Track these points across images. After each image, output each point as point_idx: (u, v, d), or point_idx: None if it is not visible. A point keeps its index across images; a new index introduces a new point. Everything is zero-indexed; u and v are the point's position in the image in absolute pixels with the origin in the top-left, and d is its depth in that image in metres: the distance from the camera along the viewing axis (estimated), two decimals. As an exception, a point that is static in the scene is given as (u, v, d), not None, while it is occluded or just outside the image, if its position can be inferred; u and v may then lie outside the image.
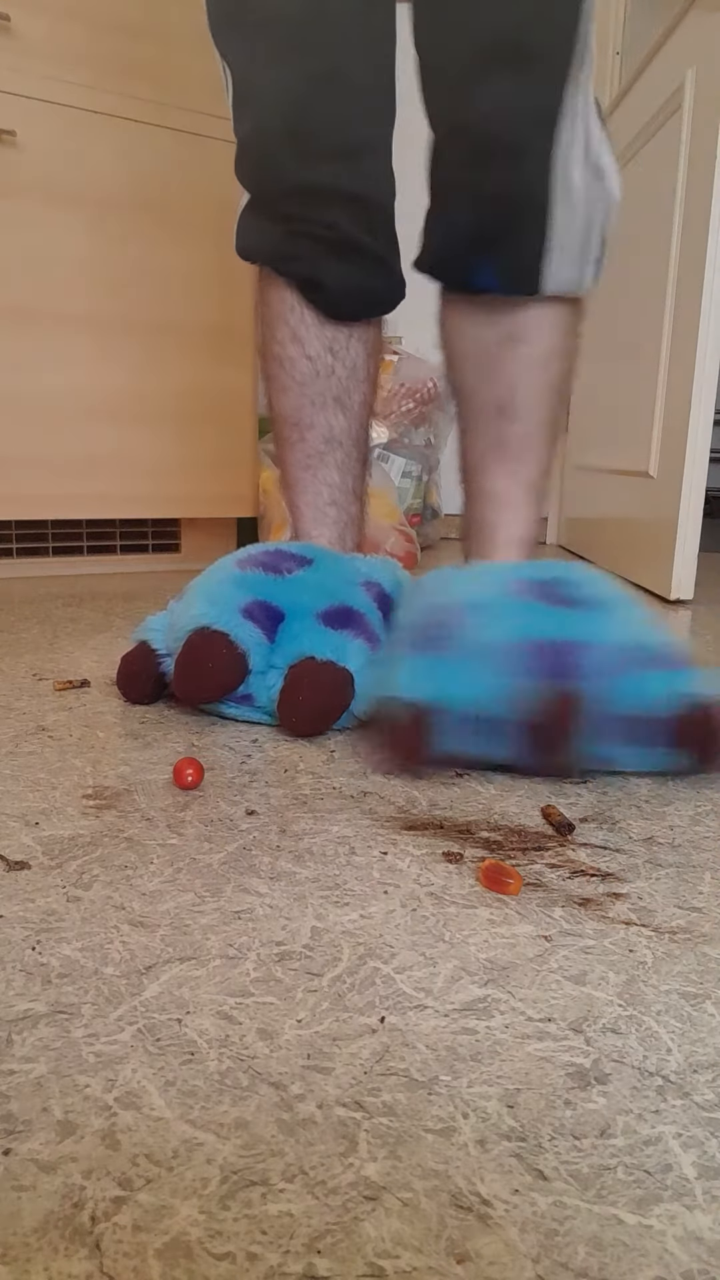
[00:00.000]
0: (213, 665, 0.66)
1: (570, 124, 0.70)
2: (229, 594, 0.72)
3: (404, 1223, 0.26)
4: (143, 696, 0.76)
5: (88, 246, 1.44)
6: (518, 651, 0.61)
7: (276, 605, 0.72)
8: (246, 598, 0.71)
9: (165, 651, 0.75)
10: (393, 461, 2.01)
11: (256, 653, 0.69)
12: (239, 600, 0.71)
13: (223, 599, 0.71)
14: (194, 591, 0.74)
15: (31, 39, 1.34)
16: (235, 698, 0.71)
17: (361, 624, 0.73)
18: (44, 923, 0.41)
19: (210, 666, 0.66)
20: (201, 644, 0.67)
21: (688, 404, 1.39)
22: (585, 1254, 0.25)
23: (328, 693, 0.67)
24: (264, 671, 0.70)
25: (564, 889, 0.46)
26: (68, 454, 1.47)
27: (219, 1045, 0.33)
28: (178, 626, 0.71)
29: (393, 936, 0.41)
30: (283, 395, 0.85)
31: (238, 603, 0.71)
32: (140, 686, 0.76)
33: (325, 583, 0.75)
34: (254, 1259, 0.24)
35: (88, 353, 1.47)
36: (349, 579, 0.77)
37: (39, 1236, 0.25)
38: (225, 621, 0.69)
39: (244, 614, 0.70)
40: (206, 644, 0.67)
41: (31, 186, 1.38)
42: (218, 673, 0.67)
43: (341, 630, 0.71)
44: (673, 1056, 0.33)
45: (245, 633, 0.68)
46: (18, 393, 1.42)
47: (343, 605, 0.73)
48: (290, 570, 0.75)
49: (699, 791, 0.61)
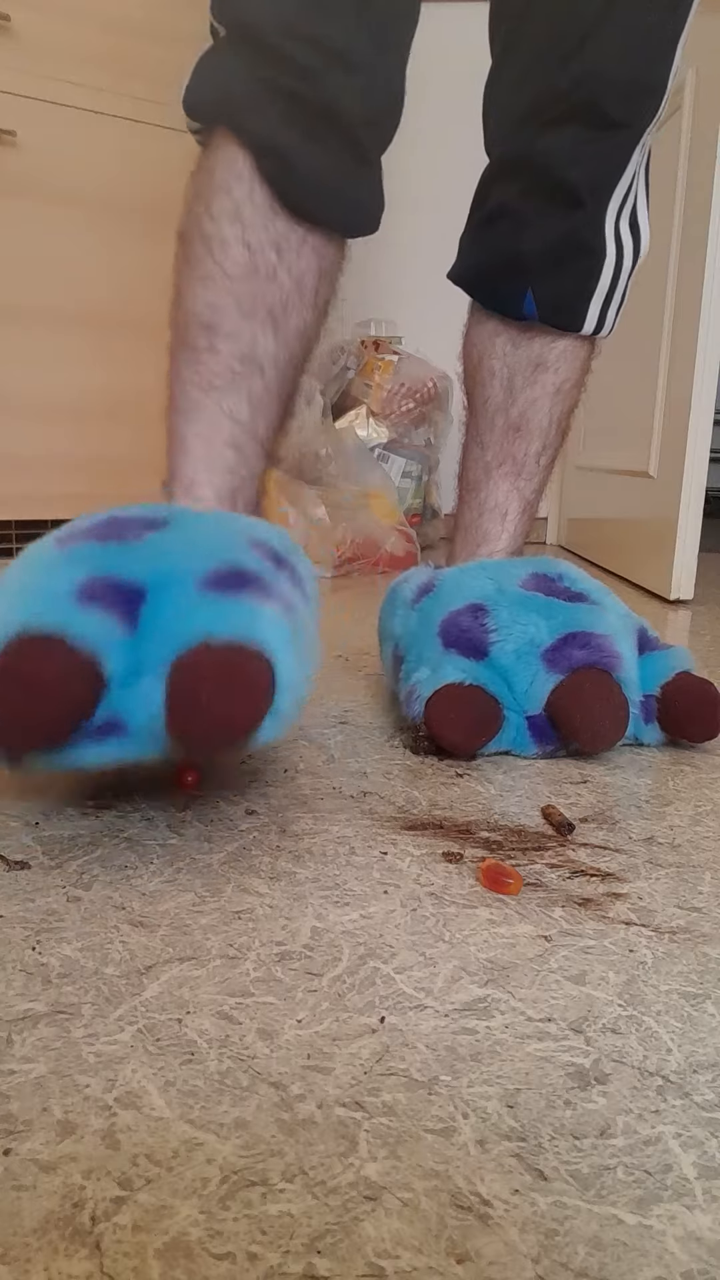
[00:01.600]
0: (46, 687, 0.42)
1: (625, 180, 0.73)
2: (50, 578, 0.48)
3: (404, 1223, 0.26)
4: None
5: (88, 246, 1.44)
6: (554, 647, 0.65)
7: (130, 579, 0.49)
8: (79, 575, 0.48)
9: None
10: (393, 461, 2.01)
11: (113, 652, 0.45)
12: (69, 580, 0.48)
13: (41, 587, 0.48)
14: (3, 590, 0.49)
15: (31, 39, 1.34)
16: (93, 731, 0.45)
17: (264, 586, 0.51)
18: (44, 923, 0.41)
19: (42, 691, 0.42)
20: (20, 660, 0.43)
21: (688, 404, 1.39)
22: (585, 1254, 0.25)
23: (244, 689, 0.44)
24: (129, 680, 0.46)
25: (564, 889, 0.46)
26: (68, 454, 1.47)
27: (219, 1045, 0.33)
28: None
29: (393, 936, 0.41)
30: (202, 286, 0.65)
31: (67, 585, 0.47)
32: None
33: (196, 544, 0.53)
34: (254, 1259, 0.24)
35: (88, 352, 1.47)
36: (226, 538, 0.55)
37: (39, 1236, 0.25)
38: (52, 615, 0.45)
39: (80, 598, 0.47)
40: (28, 658, 0.43)
41: (31, 186, 1.38)
42: (54, 698, 0.43)
43: (237, 595, 0.49)
44: (673, 1056, 0.33)
45: (87, 625, 0.45)
46: (17, 392, 1.42)
47: (231, 565, 0.51)
48: (139, 536, 0.53)
49: (699, 791, 0.61)
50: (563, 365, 0.78)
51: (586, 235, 0.73)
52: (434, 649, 0.68)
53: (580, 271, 0.74)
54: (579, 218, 0.72)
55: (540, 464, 0.81)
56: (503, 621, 0.66)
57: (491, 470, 0.81)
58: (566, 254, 0.74)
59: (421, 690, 0.66)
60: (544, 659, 0.64)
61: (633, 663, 0.66)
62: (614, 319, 0.78)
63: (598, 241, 0.73)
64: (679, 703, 0.67)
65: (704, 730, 0.67)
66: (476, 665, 0.66)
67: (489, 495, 0.81)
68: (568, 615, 0.66)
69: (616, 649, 0.65)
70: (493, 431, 0.81)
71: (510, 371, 0.79)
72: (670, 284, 1.47)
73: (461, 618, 0.68)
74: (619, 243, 0.75)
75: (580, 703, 0.63)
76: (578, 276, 0.75)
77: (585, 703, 0.63)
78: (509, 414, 0.80)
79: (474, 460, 0.82)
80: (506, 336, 0.79)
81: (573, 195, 0.72)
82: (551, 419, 0.80)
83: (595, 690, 0.63)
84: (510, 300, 0.76)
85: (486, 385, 0.80)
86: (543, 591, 0.69)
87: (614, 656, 0.64)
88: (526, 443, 0.80)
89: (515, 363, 0.79)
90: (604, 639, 0.65)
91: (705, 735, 0.67)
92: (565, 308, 0.76)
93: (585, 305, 0.75)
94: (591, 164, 0.71)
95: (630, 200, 0.74)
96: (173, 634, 0.46)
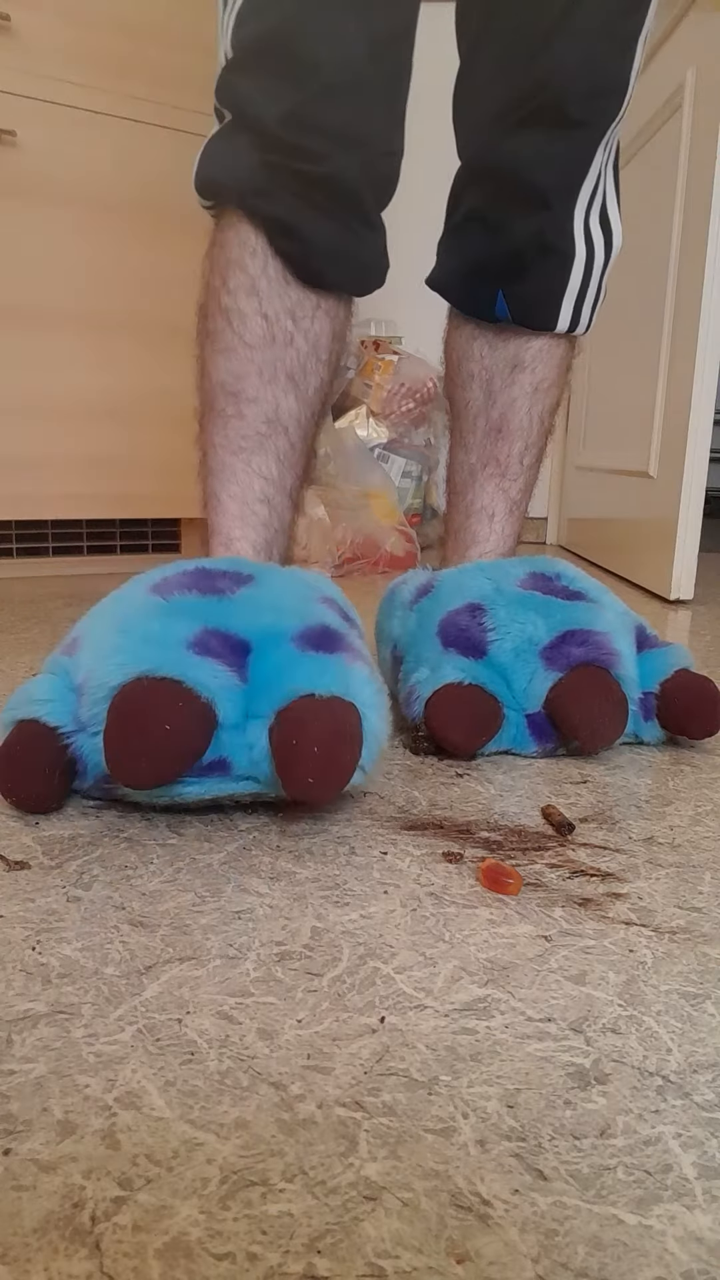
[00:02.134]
0: (170, 726, 0.47)
1: (591, 179, 0.73)
2: (165, 626, 0.53)
3: (404, 1223, 0.26)
4: (41, 797, 0.52)
5: (88, 246, 1.44)
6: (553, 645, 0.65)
7: (237, 633, 0.54)
8: (193, 627, 0.53)
9: (73, 726, 0.52)
10: (393, 461, 2.01)
11: (227, 699, 0.50)
12: (183, 631, 0.52)
13: (158, 633, 0.52)
14: (104, 632, 0.54)
15: (31, 39, 1.34)
16: (201, 768, 0.50)
17: (348, 645, 0.56)
18: (44, 923, 0.41)
19: (166, 729, 0.47)
20: (144, 698, 0.48)
21: (688, 404, 1.39)
22: (585, 1254, 0.25)
23: (346, 739, 0.49)
24: (239, 724, 0.51)
25: (564, 889, 0.46)
26: (68, 454, 1.47)
27: (219, 1045, 0.33)
28: (94, 684, 0.51)
29: (393, 936, 0.41)
30: (225, 357, 0.69)
31: (182, 635, 0.52)
32: (35, 783, 0.52)
33: (283, 600, 0.58)
34: (254, 1259, 0.24)
35: (88, 352, 1.47)
36: (305, 594, 0.60)
37: (39, 1236, 0.25)
38: (172, 662, 0.50)
39: (195, 649, 0.51)
40: (152, 697, 0.48)
41: (31, 186, 1.38)
42: (177, 736, 0.47)
43: (332, 654, 0.54)
44: (673, 1056, 0.33)
45: (205, 674, 0.50)
46: (18, 392, 1.42)
47: (320, 624, 0.56)
48: (230, 590, 0.57)
49: (699, 791, 0.61)
50: (539, 365, 0.79)
51: (553, 235, 0.73)
52: (433, 649, 0.68)
53: (550, 271, 0.75)
54: (545, 218, 0.73)
55: (524, 464, 0.81)
56: (501, 620, 0.67)
57: (476, 472, 0.81)
58: (535, 254, 0.74)
59: (421, 690, 0.66)
60: (543, 657, 0.65)
61: (631, 660, 0.66)
62: (590, 316, 0.78)
63: (565, 241, 0.74)
64: (679, 700, 0.67)
65: (704, 727, 0.67)
66: (475, 664, 0.66)
67: (475, 498, 0.81)
68: (566, 613, 0.67)
69: (615, 646, 0.65)
70: (475, 434, 0.81)
71: (489, 374, 0.80)
72: (670, 284, 1.47)
73: (460, 617, 0.68)
74: (589, 241, 0.75)
75: (579, 700, 0.62)
76: (548, 276, 0.75)
77: (584, 700, 0.62)
78: (489, 415, 0.80)
79: (459, 463, 0.83)
80: (483, 339, 0.79)
81: (539, 197, 0.72)
82: (532, 418, 0.80)
83: (594, 687, 0.63)
84: (483, 303, 0.77)
85: (466, 388, 0.81)
86: (540, 590, 0.69)
87: (612, 654, 0.64)
88: (509, 443, 0.80)
89: (493, 364, 0.79)
90: (602, 636, 0.65)
91: (705, 732, 0.67)
92: (537, 307, 0.76)
93: (558, 304, 0.76)
94: (556, 165, 0.71)
95: (599, 197, 0.75)
96: (279, 686, 0.51)
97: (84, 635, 0.56)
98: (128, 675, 0.49)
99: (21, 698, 0.53)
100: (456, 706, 0.63)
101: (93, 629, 0.56)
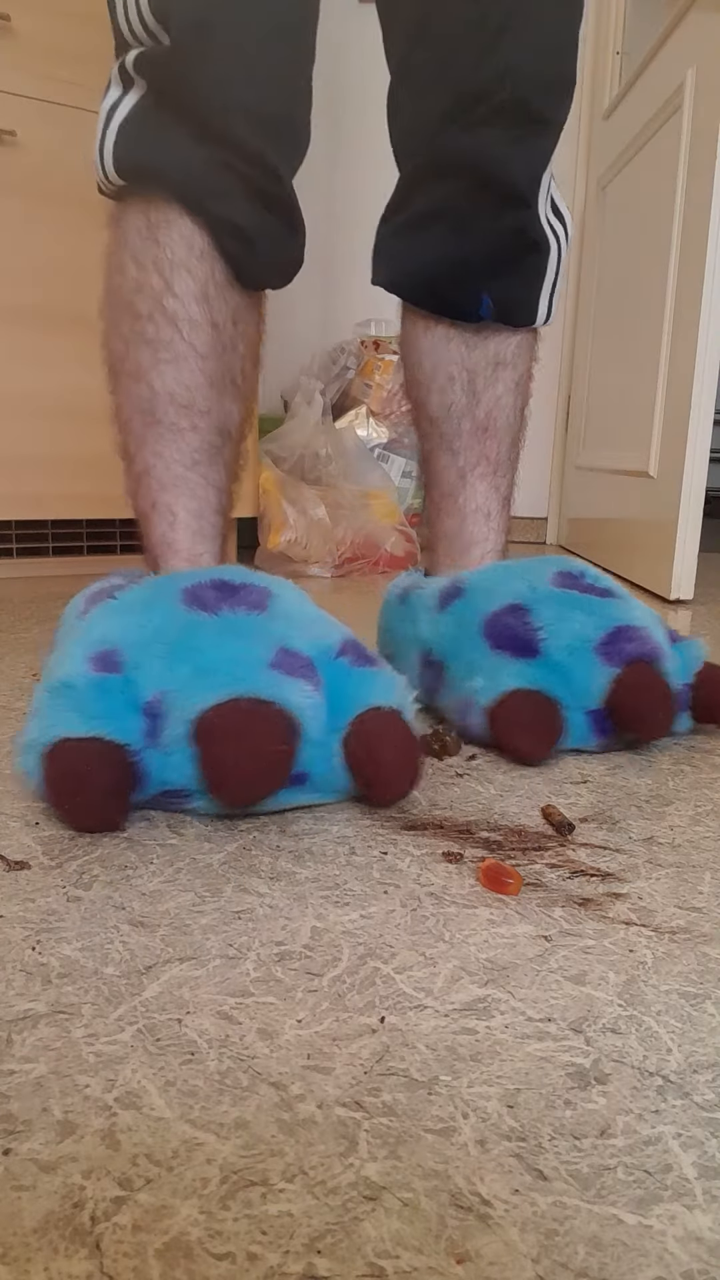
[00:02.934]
0: (271, 747, 0.49)
1: (548, 172, 0.74)
2: (242, 647, 0.54)
3: (404, 1223, 0.26)
4: (107, 816, 0.52)
5: (88, 246, 1.44)
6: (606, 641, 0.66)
7: (301, 651, 0.56)
8: (269, 647, 0.54)
9: (142, 744, 0.52)
10: (393, 461, 2.01)
11: (313, 717, 0.53)
12: (262, 651, 0.54)
13: (239, 654, 0.54)
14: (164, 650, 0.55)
15: (31, 39, 1.34)
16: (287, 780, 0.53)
17: (376, 658, 0.60)
18: (44, 923, 0.41)
19: (267, 749, 0.49)
20: (243, 720, 0.49)
21: (688, 404, 1.39)
22: (585, 1254, 0.25)
23: (415, 748, 0.54)
24: (322, 740, 0.53)
25: (564, 889, 0.46)
26: (68, 454, 1.47)
27: (219, 1045, 0.33)
28: (179, 704, 0.52)
29: (393, 936, 0.41)
30: (174, 367, 0.67)
31: (262, 655, 0.54)
32: (104, 801, 0.51)
33: (307, 612, 0.60)
34: (254, 1259, 0.24)
35: (88, 352, 1.47)
36: (310, 603, 0.63)
37: (39, 1236, 0.25)
38: (265, 684, 0.51)
39: (279, 669, 0.53)
40: (250, 719, 0.50)
41: (31, 186, 1.38)
42: (275, 756, 0.50)
43: (375, 667, 0.58)
44: (673, 1056, 0.33)
45: (295, 694, 0.52)
46: (18, 392, 1.42)
47: (350, 637, 0.60)
48: (262, 604, 0.58)
49: (699, 791, 0.61)
50: (519, 360, 0.79)
51: (533, 232, 0.73)
52: (481, 652, 0.69)
53: (532, 268, 0.75)
54: (525, 216, 0.73)
55: (510, 459, 0.82)
56: (548, 619, 0.67)
57: (467, 474, 0.81)
58: (520, 252, 0.74)
59: (480, 699, 0.66)
60: (599, 653, 0.66)
61: (670, 654, 0.68)
62: (555, 306, 0.79)
63: (541, 236, 0.74)
64: (711, 692, 0.69)
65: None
66: (531, 667, 0.67)
67: (469, 499, 0.81)
68: (608, 610, 0.68)
69: (658, 641, 0.67)
70: (460, 436, 0.80)
71: (470, 374, 0.79)
72: (670, 284, 1.47)
73: (505, 618, 0.69)
74: (554, 232, 0.76)
75: (639, 695, 0.64)
76: (530, 273, 0.75)
77: (643, 695, 0.64)
78: (475, 416, 0.79)
79: (444, 467, 0.81)
80: (460, 340, 0.78)
81: (517, 194, 0.72)
82: (515, 413, 0.81)
83: (650, 683, 0.64)
84: (465, 305, 0.76)
85: (447, 391, 0.80)
86: (575, 589, 0.70)
87: (659, 649, 0.66)
88: (497, 441, 0.80)
89: (474, 364, 0.79)
90: (646, 632, 0.67)
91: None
92: (521, 305, 0.76)
93: (538, 299, 0.76)
94: (525, 160, 0.71)
95: (548, 188, 0.75)
96: (351, 701, 0.55)
97: (130, 653, 0.55)
98: (221, 697, 0.51)
99: (68, 714, 0.52)
100: (523, 714, 0.64)
101: (143, 647, 0.55)
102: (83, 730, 0.51)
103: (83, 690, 0.53)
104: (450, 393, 0.80)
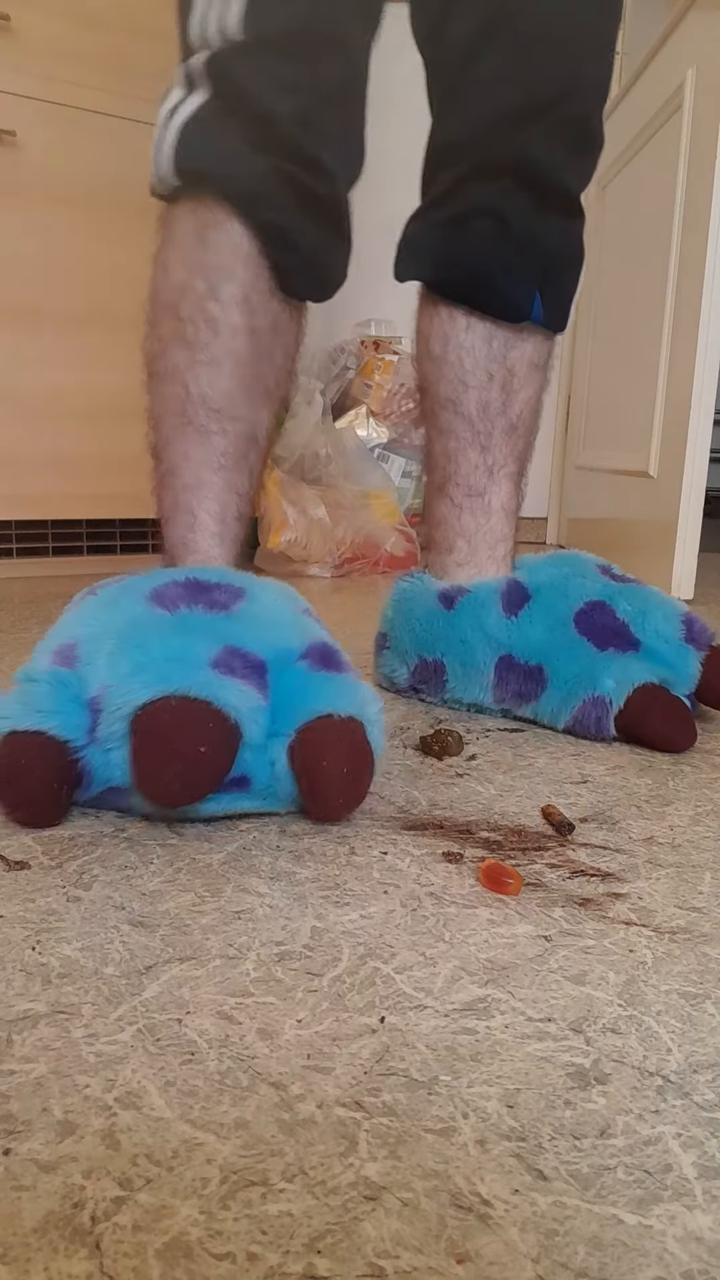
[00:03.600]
0: (202, 747, 0.47)
1: None
2: (185, 644, 0.53)
3: (404, 1223, 0.26)
4: (46, 811, 0.51)
5: (88, 246, 1.44)
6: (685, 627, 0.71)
7: (254, 652, 0.54)
8: (213, 645, 0.53)
9: (84, 740, 0.51)
10: (393, 461, 2.01)
11: (252, 719, 0.50)
12: (205, 650, 0.52)
13: (180, 651, 0.52)
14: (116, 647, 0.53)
15: (31, 39, 1.34)
16: (221, 784, 0.51)
17: (348, 663, 0.58)
18: (44, 923, 0.41)
19: (199, 750, 0.47)
20: (174, 719, 0.48)
21: (688, 404, 1.39)
22: (585, 1254, 0.25)
23: (366, 760, 0.52)
24: (262, 744, 0.51)
25: (564, 889, 0.46)
26: (68, 454, 1.47)
27: (219, 1045, 0.33)
28: (116, 700, 0.50)
29: (393, 936, 0.41)
30: (210, 370, 0.67)
31: (205, 654, 0.52)
32: (40, 796, 0.51)
33: (279, 615, 0.59)
34: (254, 1259, 0.24)
35: (88, 352, 1.47)
36: (291, 607, 0.61)
37: (39, 1236, 0.25)
38: (201, 683, 0.49)
39: (220, 668, 0.51)
40: (182, 718, 0.48)
41: (31, 186, 1.38)
42: (208, 756, 0.47)
43: (341, 673, 0.56)
44: (673, 1056, 0.33)
45: (233, 695, 0.50)
46: (18, 392, 1.42)
47: (320, 641, 0.58)
48: (228, 604, 0.57)
49: (699, 791, 0.61)
50: (550, 364, 0.82)
51: (580, 242, 0.77)
52: (586, 651, 0.71)
53: (576, 276, 0.78)
54: (579, 225, 0.76)
55: (529, 459, 0.84)
56: (630, 612, 0.71)
57: (495, 473, 0.81)
58: (576, 260, 0.77)
59: (613, 698, 0.69)
60: (686, 641, 0.71)
61: None
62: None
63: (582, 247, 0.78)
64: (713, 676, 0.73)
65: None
66: (644, 661, 0.70)
67: (494, 497, 0.81)
68: (662, 599, 0.73)
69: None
70: (493, 434, 0.81)
71: (508, 374, 0.79)
72: (670, 284, 1.47)
73: (594, 615, 0.72)
74: None
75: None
76: (574, 280, 0.79)
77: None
78: (508, 415, 0.80)
79: (473, 466, 0.81)
80: (502, 339, 0.78)
81: (576, 205, 0.74)
82: (536, 414, 0.83)
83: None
84: (516, 305, 0.76)
85: (485, 389, 0.80)
86: (614, 580, 0.74)
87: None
88: (524, 441, 0.82)
89: (513, 364, 0.79)
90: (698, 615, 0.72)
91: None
92: (563, 310, 0.79)
93: (570, 306, 0.80)
94: (580, 173, 0.74)
95: None
96: (300, 706, 0.52)
97: (84, 647, 0.54)
98: (154, 694, 0.49)
99: (17, 707, 0.51)
100: (661, 706, 0.68)
101: (96, 642, 0.54)
102: (27, 724, 0.50)
103: (39, 684, 0.53)
104: (488, 391, 0.80)
